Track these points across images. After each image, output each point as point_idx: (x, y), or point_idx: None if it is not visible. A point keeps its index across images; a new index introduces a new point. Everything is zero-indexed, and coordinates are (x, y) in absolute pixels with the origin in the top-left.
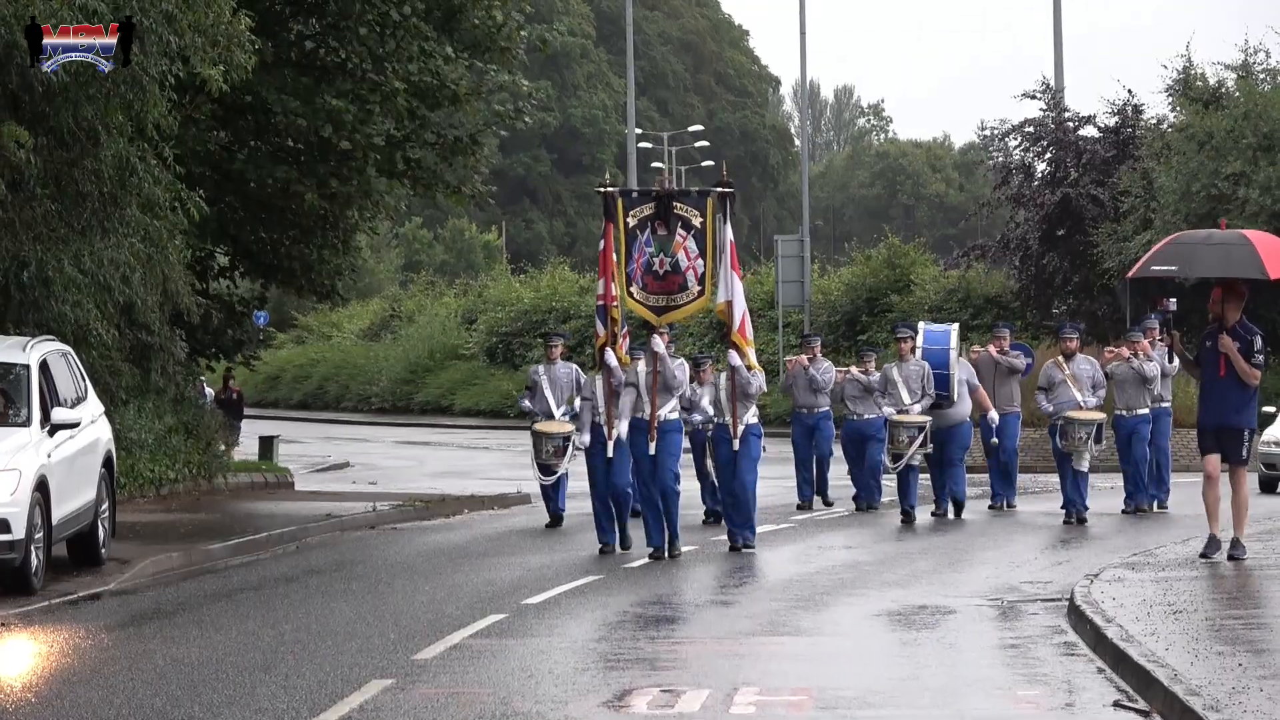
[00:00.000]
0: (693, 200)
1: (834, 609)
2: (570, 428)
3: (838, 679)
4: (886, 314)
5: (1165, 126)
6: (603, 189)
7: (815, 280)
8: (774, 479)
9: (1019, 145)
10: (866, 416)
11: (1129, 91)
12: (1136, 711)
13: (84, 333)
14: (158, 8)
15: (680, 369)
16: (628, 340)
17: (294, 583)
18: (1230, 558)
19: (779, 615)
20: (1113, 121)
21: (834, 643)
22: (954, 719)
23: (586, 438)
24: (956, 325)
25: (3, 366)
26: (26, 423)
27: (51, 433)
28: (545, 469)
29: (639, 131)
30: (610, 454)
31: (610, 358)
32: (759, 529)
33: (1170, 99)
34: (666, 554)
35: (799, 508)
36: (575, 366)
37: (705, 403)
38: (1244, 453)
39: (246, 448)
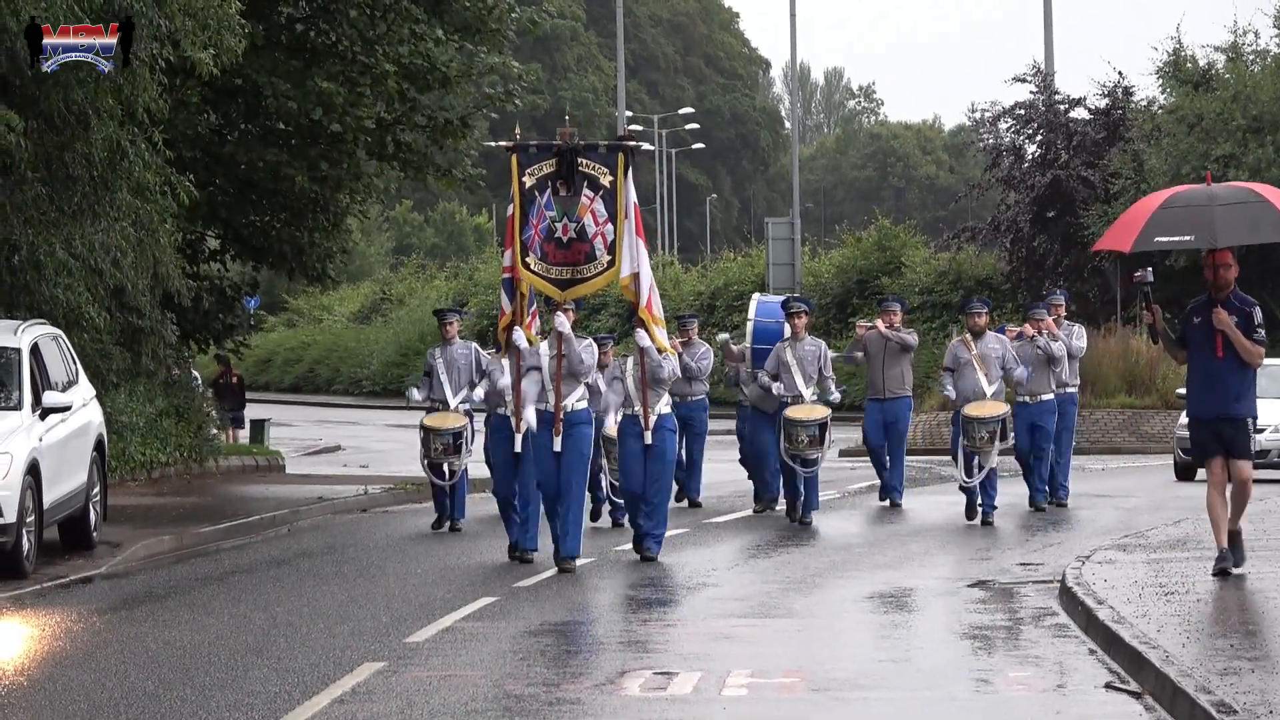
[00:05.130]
0: (600, 156)
1: (825, 591)
2: (464, 421)
3: (829, 661)
4: (878, 296)
5: (1155, 108)
6: (506, 146)
7: (806, 263)
8: None
9: (1010, 128)
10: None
11: (1119, 73)
12: (1128, 693)
13: (75, 316)
14: None
15: (588, 351)
16: (536, 320)
17: (285, 566)
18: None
19: (770, 598)
20: (1103, 104)
21: (825, 625)
22: (945, 700)
23: (472, 447)
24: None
25: None
26: (18, 406)
27: (43, 416)
28: (437, 469)
29: (629, 114)
30: (518, 448)
31: (519, 338)
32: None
33: (1160, 81)
34: (559, 564)
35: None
36: (474, 345)
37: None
38: (1249, 445)
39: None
